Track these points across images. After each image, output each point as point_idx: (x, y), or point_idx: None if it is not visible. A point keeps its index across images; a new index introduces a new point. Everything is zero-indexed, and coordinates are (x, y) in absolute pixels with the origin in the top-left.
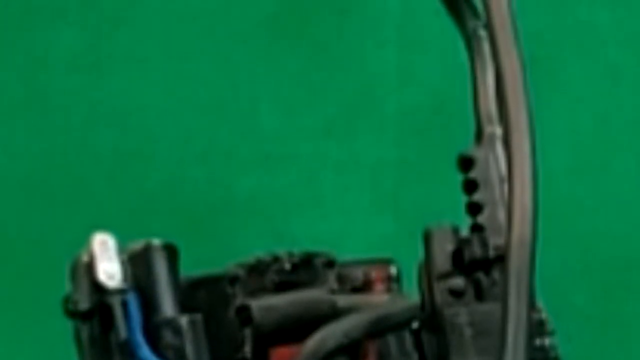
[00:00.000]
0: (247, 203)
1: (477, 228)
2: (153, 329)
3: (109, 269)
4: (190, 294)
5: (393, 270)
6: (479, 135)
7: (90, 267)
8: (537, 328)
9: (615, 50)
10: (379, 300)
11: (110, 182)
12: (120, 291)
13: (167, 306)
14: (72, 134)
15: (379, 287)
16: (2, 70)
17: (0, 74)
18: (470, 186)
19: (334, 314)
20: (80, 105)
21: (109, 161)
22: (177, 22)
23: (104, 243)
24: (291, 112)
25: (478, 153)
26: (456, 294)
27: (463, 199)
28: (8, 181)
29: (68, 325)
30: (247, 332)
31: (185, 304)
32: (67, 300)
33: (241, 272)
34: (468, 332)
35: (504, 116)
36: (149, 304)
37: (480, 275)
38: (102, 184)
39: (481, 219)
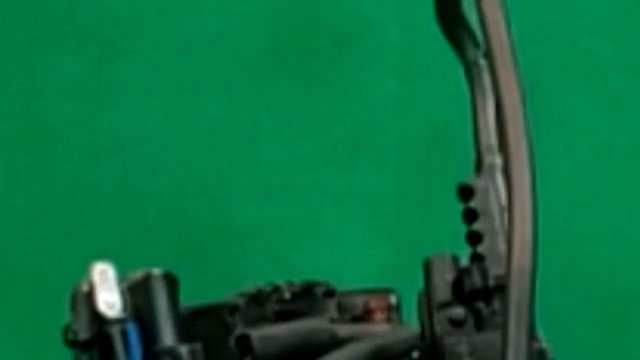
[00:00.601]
0: (246, 233)
1: (477, 258)
2: (153, 359)
3: (109, 299)
4: (191, 324)
5: (393, 299)
6: (479, 165)
7: (90, 297)
8: (537, 358)
9: (615, 80)
10: (379, 329)
11: (110, 211)
12: (120, 321)
13: (167, 335)
14: (72, 164)
15: (379, 316)
16: (2, 100)
17: (1, 103)
18: (470, 216)
19: (334, 343)
20: (80, 135)
21: (109, 190)
22: (177, 52)
23: (103, 272)
24: (291, 142)
25: (478, 183)
26: (456, 323)
27: (463, 228)
28: (8, 211)
29: (68, 354)
30: None
31: (185, 334)
32: (67, 330)
33: (241, 302)
34: None
35: (504, 146)
36: (149, 334)
37: (481, 305)
38: (102, 213)
39: (481, 248)
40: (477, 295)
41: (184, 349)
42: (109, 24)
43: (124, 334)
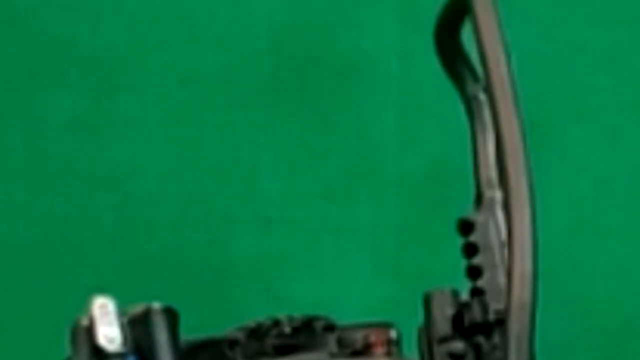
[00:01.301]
0: (246, 266)
1: (477, 292)
2: None
3: (109, 333)
4: (191, 358)
5: (393, 333)
6: (479, 200)
7: (90, 331)
8: None
9: (615, 115)
10: None
11: (110, 245)
12: (120, 355)
13: None
14: (72, 198)
15: (379, 350)
16: (2, 134)
17: (0, 137)
18: (470, 250)
19: None
20: (79, 169)
21: (109, 225)
22: (176, 86)
23: (103, 306)
24: (291, 176)
25: (478, 217)
26: (456, 357)
27: (463, 262)
28: (8, 244)
29: None
30: None
31: None
32: None
33: (241, 336)
34: None
35: (504, 180)
36: None
37: (481, 339)
38: (101, 248)
39: (481, 282)
40: (477, 329)
41: None
42: (108, 59)
43: None
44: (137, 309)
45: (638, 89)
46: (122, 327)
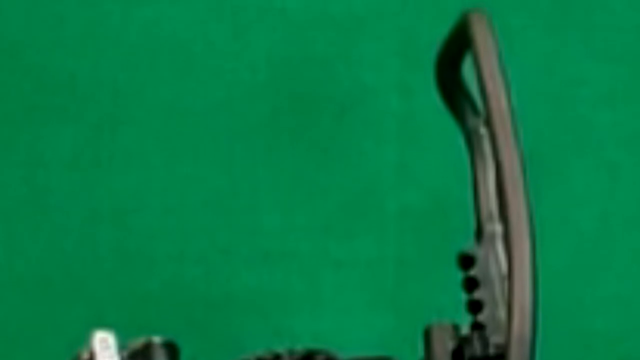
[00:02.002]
0: (246, 301)
1: (477, 326)
2: None
3: None
4: None
5: None
6: (479, 233)
7: None
8: None
9: (615, 149)
10: None
11: (110, 279)
12: None
13: None
14: (72, 232)
15: None
16: (3, 168)
17: (1, 171)
18: (471, 284)
19: None
20: (79, 203)
21: (109, 259)
22: (177, 120)
23: (104, 341)
24: (290, 210)
25: (478, 251)
26: None
27: (463, 296)
28: (9, 279)
29: None
30: None
31: None
32: None
33: None
34: None
35: (504, 214)
36: None
37: None
38: (102, 282)
39: (481, 317)
40: None
41: None
42: (108, 93)
43: None
44: (138, 343)
45: (638, 124)
46: None
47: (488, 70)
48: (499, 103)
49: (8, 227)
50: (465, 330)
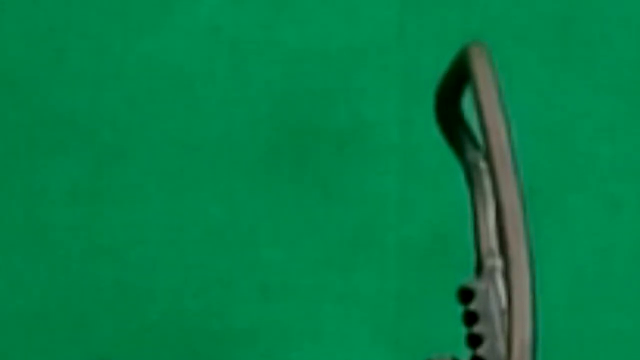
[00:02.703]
0: (247, 334)
1: None
2: None
3: None
4: None
5: None
6: (479, 268)
7: None
8: None
9: (615, 183)
10: None
11: (110, 313)
12: None
13: None
14: (72, 266)
15: None
16: (2, 202)
17: (1, 206)
18: (470, 318)
19: None
20: (79, 237)
21: (108, 292)
22: (176, 154)
23: None
24: (291, 243)
25: (478, 285)
26: None
27: (463, 330)
28: (8, 313)
29: None
30: None
31: None
32: None
33: None
34: None
35: (504, 249)
36: None
37: None
38: (101, 316)
39: (481, 351)
40: None
41: None
42: (107, 127)
43: None
44: None
45: (638, 158)
46: None
47: (488, 104)
48: (499, 138)
49: (8, 261)
50: None
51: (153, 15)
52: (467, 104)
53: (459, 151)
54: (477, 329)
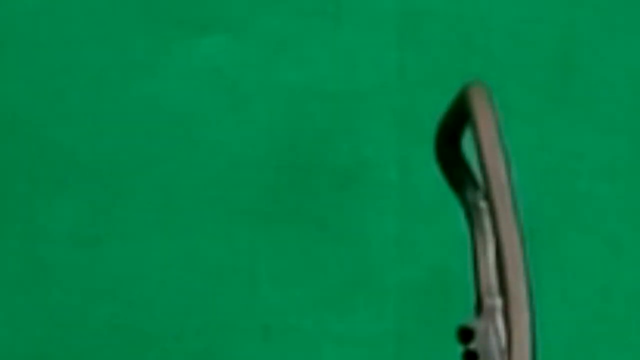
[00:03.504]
0: None
1: None
2: None
3: None
4: None
5: None
6: (479, 307)
7: None
8: None
9: (614, 223)
10: None
11: (109, 355)
12: None
13: None
14: (71, 307)
15: None
16: (3, 242)
17: (1, 245)
18: (470, 358)
19: None
20: (79, 279)
21: (109, 334)
22: (176, 194)
23: None
24: (290, 284)
25: (478, 325)
26: None
27: None
28: (8, 354)
29: None
30: None
31: None
32: None
33: None
34: None
35: (503, 288)
36: None
37: None
38: (101, 357)
39: None
40: None
41: None
42: (108, 168)
43: None
44: None
45: (638, 198)
46: None
47: (488, 144)
48: (499, 178)
49: (8, 301)
50: None
51: (153, 55)
52: (467, 143)
53: (459, 191)
54: None
